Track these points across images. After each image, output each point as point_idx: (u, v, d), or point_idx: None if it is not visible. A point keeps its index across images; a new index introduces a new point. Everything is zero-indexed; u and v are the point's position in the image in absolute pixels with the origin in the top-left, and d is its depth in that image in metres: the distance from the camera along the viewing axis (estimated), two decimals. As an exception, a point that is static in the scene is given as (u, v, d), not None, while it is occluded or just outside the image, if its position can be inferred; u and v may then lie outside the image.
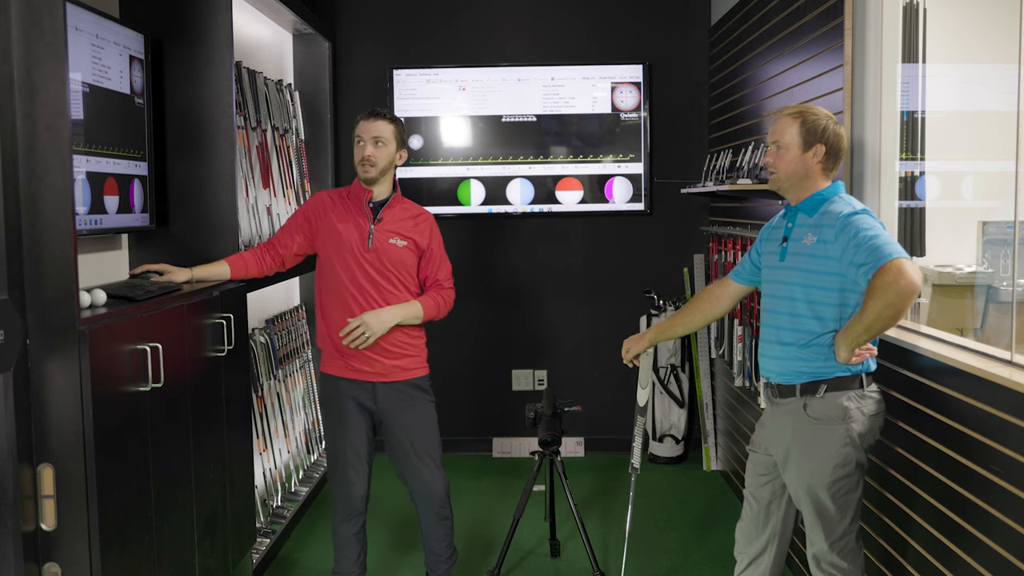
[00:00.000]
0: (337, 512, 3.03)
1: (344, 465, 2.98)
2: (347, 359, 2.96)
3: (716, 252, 4.54)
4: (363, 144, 2.91)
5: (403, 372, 3.01)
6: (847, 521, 2.37)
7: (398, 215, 3.00)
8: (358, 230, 2.94)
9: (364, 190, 2.97)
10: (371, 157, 2.91)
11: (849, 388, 2.35)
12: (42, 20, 1.85)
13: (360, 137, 2.93)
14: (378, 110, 2.98)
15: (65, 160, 1.92)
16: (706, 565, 3.67)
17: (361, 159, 2.91)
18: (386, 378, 2.98)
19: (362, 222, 2.95)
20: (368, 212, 2.96)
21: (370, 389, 2.98)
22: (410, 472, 3.02)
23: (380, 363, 2.96)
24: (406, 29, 5.12)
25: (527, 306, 5.20)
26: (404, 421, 3.00)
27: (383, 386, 2.98)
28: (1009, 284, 3.29)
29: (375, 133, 2.92)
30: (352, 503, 3.00)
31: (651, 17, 5.09)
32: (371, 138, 2.92)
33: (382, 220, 2.96)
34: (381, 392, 2.98)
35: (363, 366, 2.96)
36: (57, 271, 1.89)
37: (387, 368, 2.97)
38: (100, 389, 2.12)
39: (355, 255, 2.93)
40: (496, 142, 5.09)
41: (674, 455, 5.05)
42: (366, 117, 2.95)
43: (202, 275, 2.98)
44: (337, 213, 2.97)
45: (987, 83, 3.54)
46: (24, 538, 1.76)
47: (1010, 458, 2.01)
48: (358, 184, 2.98)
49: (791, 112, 2.46)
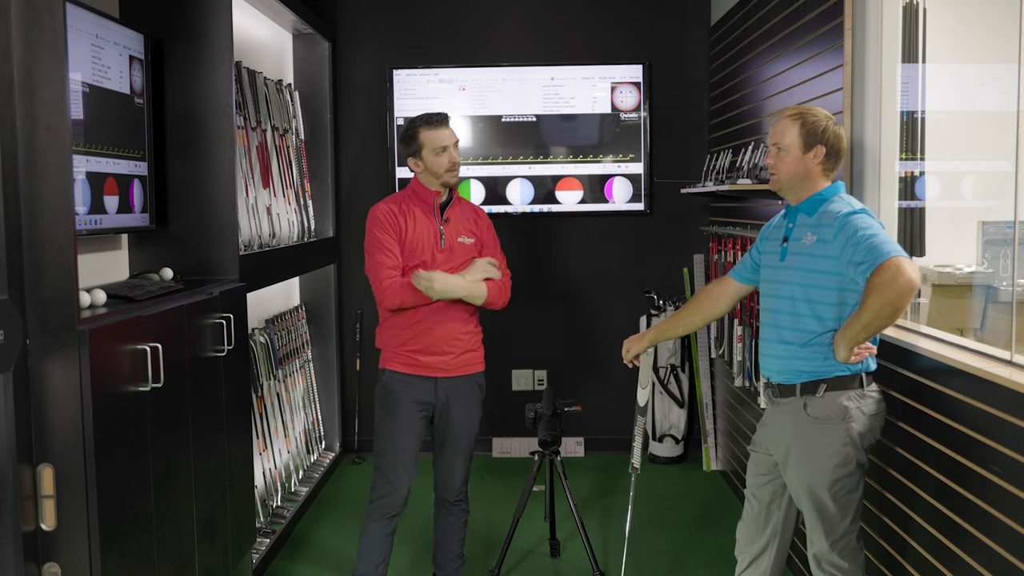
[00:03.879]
0: (375, 511, 3.02)
1: (394, 464, 2.99)
2: (414, 355, 2.99)
3: (716, 252, 4.54)
4: (448, 150, 2.99)
5: (466, 367, 3.05)
6: (848, 521, 2.37)
7: (460, 214, 3.08)
8: (430, 232, 3.00)
9: (433, 193, 3.03)
10: (458, 162, 3.03)
11: (849, 388, 2.36)
12: (42, 20, 1.85)
13: (443, 146, 2.98)
14: (444, 115, 3.04)
15: (65, 160, 1.92)
16: (706, 565, 3.67)
17: (452, 164, 3.00)
18: (449, 373, 3.02)
19: (432, 224, 3.01)
20: (438, 214, 3.03)
21: (432, 384, 3.01)
22: (447, 464, 3.08)
23: (445, 358, 3.00)
24: (406, 29, 5.12)
25: (527, 306, 5.20)
26: (462, 416, 3.05)
27: (446, 380, 3.02)
28: (1009, 284, 3.29)
29: (454, 139, 3.03)
30: (395, 502, 3.00)
31: (651, 17, 5.09)
32: (453, 144, 3.01)
33: (449, 220, 3.04)
34: (443, 387, 3.02)
35: (429, 359, 2.99)
36: (57, 271, 1.89)
37: (450, 363, 3.01)
38: (100, 389, 2.12)
39: (431, 255, 2.98)
40: (496, 142, 5.09)
41: (674, 455, 5.05)
42: (438, 125, 3.00)
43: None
44: (407, 219, 3.00)
45: (987, 83, 3.54)
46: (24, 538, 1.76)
47: (1010, 458, 2.01)
48: (422, 188, 3.03)
49: (791, 114, 2.46)
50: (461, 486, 3.10)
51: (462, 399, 3.05)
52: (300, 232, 4.46)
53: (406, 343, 2.99)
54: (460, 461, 3.08)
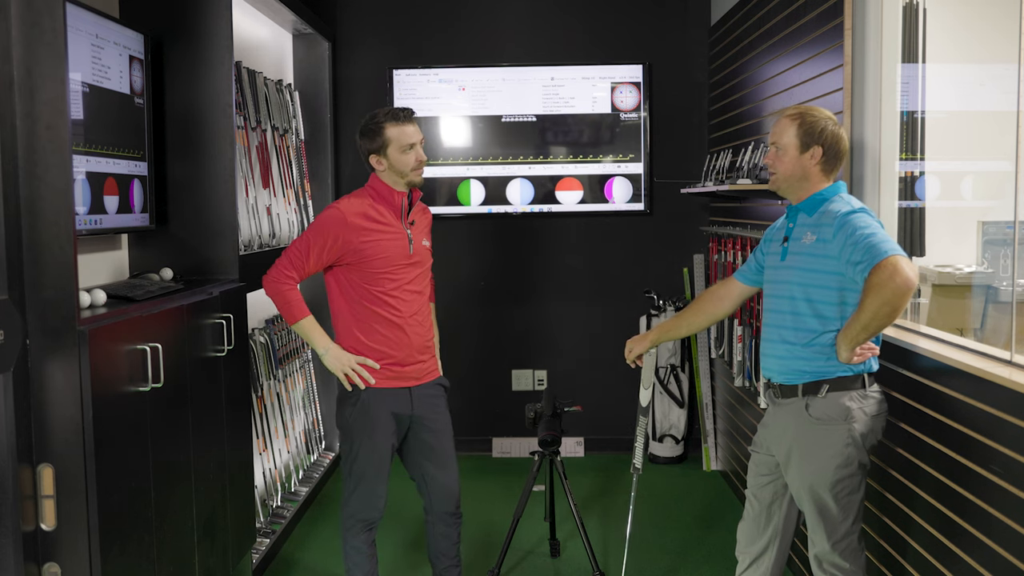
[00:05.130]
0: (355, 525, 2.93)
1: (372, 478, 2.89)
2: (391, 366, 2.86)
3: (716, 252, 4.54)
4: (415, 147, 2.83)
5: (432, 372, 2.97)
6: (849, 522, 2.37)
7: (420, 214, 2.95)
8: (398, 240, 2.84)
9: (399, 194, 2.86)
10: (424, 161, 2.86)
11: (851, 388, 2.35)
12: (42, 20, 1.85)
13: (410, 143, 2.81)
14: (410, 110, 2.87)
15: (65, 160, 1.92)
16: (706, 565, 3.67)
17: (419, 163, 2.84)
18: (420, 380, 2.92)
19: (400, 229, 2.85)
20: (404, 217, 2.88)
21: (407, 394, 2.90)
22: (432, 473, 2.97)
23: (417, 366, 2.91)
24: (406, 29, 5.12)
25: (527, 306, 5.20)
26: (436, 422, 2.96)
27: (417, 389, 2.92)
28: (1009, 284, 3.29)
29: (420, 136, 2.86)
30: (375, 514, 2.92)
31: (651, 17, 5.09)
32: (420, 141, 2.85)
33: (414, 223, 2.90)
34: (416, 396, 2.91)
35: (406, 369, 2.88)
36: (57, 271, 1.89)
37: (421, 370, 2.92)
38: (100, 389, 2.12)
39: (399, 265, 2.84)
40: (496, 142, 5.09)
41: (674, 455, 5.05)
42: (405, 120, 2.82)
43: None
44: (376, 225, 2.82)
45: (987, 83, 3.53)
46: (24, 538, 1.76)
47: (1010, 458, 2.01)
48: (386, 188, 2.85)
49: (791, 113, 2.46)
50: (459, 495, 3.03)
51: (434, 404, 2.95)
52: (300, 232, 4.46)
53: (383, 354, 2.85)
54: (453, 466, 3.00)
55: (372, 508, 2.91)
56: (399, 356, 2.86)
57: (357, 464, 2.88)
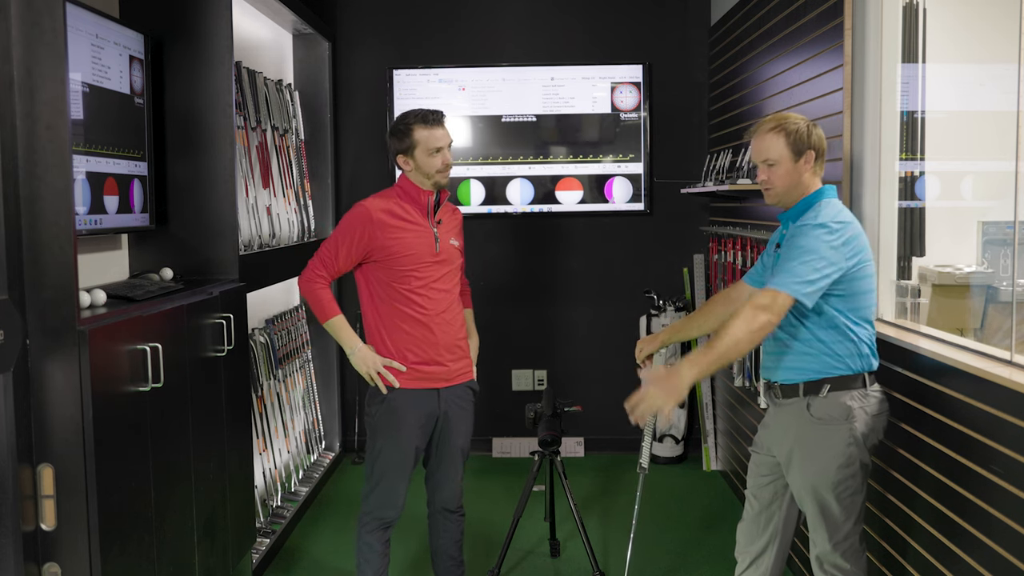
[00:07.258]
0: (372, 522, 2.93)
1: (393, 478, 2.90)
2: (418, 366, 2.87)
3: (716, 252, 4.54)
4: (443, 151, 2.85)
5: (465, 375, 2.98)
6: (851, 522, 2.37)
7: (448, 214, 2.97)
8: (424, 238, 2.86)
9: (426, 193, 2.88)
10: (451, 164, 2.89)
11: (852, 387, 2.35)
12: (42, 20, 1.85)
13: (438, 147, 2.84)
14: (440, 113, 2.89)
15: (65, 160, 1.92)
16: (706, 565, 3.67)
17: (445, 166, 2.86)
18: (450, 382, 2.92)
19: (427, 227, 2.88)
20: (431, 215, 2.90)
21: (435, 396, 2.90)
22: (448, 475, 2.99)
23: (447, 368, 2.90)
24: (406, 29, 5.12)
25: (527, 306, 5.20)
26: (461, 425, 2.97)
27: (446, 391, 2.92)
28: (1009, 284, 3.29)
29: (449, 139, 2.89)
30: (392, 513, 2.93)
31: (651, 17, 5.09)
32: (447, 145, 2.87)
33: (441, 222, 2.92)
34: (445, 397, 2.92)
35: (433, 370, 2.88)
36: (57, 271, 1.89)
37: (451, 372, 2.92)
38: (100, 389, 2.12)
39: (425, 263, 2.85)
40: (496, 142, 5.09)
41: (674, 455, 5.05)
42: (434, 124, 2.85)
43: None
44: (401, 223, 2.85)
45: (987, 83, 3.53)
46: (24, 538, 1.76)
47: (1010, 458, 2.01)
48: (414, 188, 2.88)
49: (771, 127, 2.45)
50: (461, 493, 3.05)
51: (462, 407, 2.96)
52: (300, 232, 4.46)
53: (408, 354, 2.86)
54: (459, 470, 3.01)
55: (390, 507, 2.93)
56: (426, 355, 2.87)
57: (379, 462, 2.91)
